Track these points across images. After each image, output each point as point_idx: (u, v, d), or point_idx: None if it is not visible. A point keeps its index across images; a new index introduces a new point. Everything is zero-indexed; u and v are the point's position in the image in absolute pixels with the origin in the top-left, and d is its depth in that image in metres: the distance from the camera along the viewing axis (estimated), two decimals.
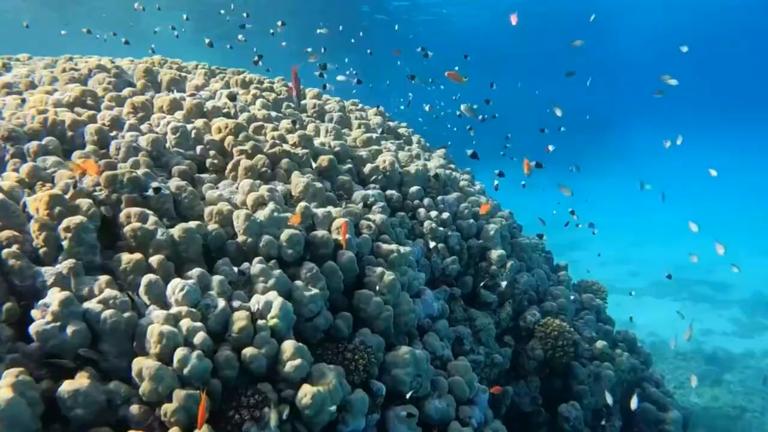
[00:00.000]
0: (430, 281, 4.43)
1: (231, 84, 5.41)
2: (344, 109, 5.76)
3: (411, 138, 6.11)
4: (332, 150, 4.33)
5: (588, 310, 5.57)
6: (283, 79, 6.12)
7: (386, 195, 4.43)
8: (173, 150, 3.60)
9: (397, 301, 3.36)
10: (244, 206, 3.28)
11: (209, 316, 2.72)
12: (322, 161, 3.96)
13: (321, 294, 3.06)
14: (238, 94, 4.62)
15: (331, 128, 4.61)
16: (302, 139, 3.98)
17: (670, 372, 13.25)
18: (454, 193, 4.83)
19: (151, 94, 4.19)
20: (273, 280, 2.94)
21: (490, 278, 4.68)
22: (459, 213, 4.77)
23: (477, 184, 5.84)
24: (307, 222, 3.34)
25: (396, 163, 4.54)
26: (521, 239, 5.23)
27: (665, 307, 19.30)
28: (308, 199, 3.49)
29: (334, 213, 3.40)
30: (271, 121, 4.22)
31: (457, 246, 4.55)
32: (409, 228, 4.41)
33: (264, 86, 5.44)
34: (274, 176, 3.63)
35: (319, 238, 3.23)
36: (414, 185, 4.63)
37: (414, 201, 4.56)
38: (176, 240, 2.87)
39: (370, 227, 3.57)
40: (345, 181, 3.92)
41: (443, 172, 4.94)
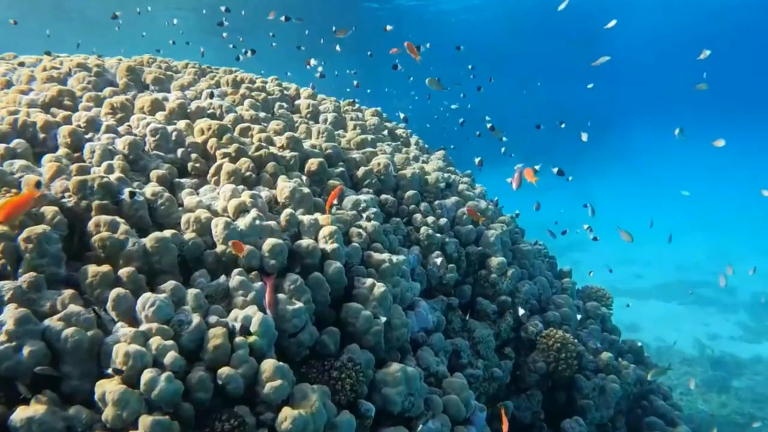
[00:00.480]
0: (427, 290, 4.22)
1: (221, 83, 5.21)
2: (339, 109, 5.55)
3: (409, 139, 5.89)
4: (323, 152, 4.12)
5: (593, 319, 5.34)
6: (276, 79, 5.92)
7: (380, 200, 4.22)
8: (152, 153, 3.40)
9: (388, 314, 3.14)
10: (225, 213, 3.08)
11: (182, 333, 2.51)
12: (311, 165, 3.75)
13: (306, 308, 2.85)
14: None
15: (323, 129, 4.41)
16: (290, 141, 3.77)
17: (677, 377, 13.00)
18: (453, 198, 4.61)
19: (134, 93, 3.99)
20: (253, 294, 2.74)
21: (490, 287, 4.46)
22: (457, 218, 4.56)
23: (477, 188, 5.62)
24: (292, 230, 3.13)
25: (391, 166, 4.33)
26: (523, 245, 5.01)
27: (671, 310, 19.04)
28: (294, 205, 3.28)
29: (321, 220, 3.19)
30: (259, 122, 4.02)
31: (455, 253, 4.33)
32: (404, 234, 4.20)
33: (256, 86, 5.23)
34: (259, 181, 3.43)
35: (304, 247, 3.02)
36: (410, 189, 4.41)
37: (410, 206, 4.34)
38: (148, 250, 2.67)
39: (361, 235, 3.36)
40: (335, 186, 3.71)
41: (441, 176, 4.72)
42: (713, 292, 19.87)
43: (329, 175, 3.91)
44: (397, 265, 3.35)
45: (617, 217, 30.40)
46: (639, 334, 16.30)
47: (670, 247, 25.47)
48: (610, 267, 23.67)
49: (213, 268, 2.86)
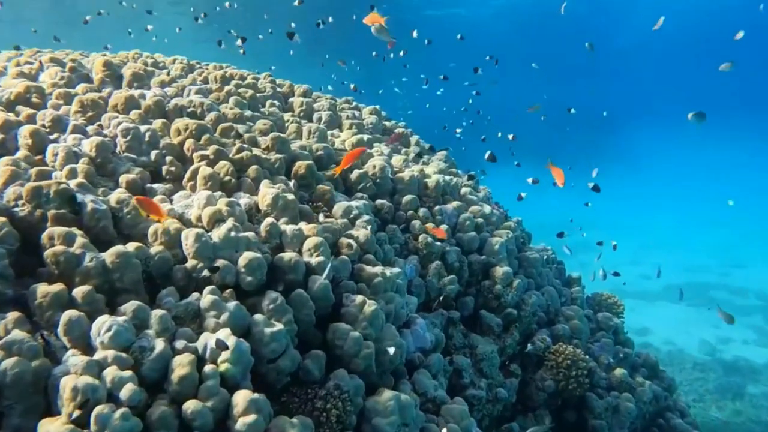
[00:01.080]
0: (426, 303, 3.91)
1: (210, 80, 4.91)
2: (335, 107, 5.24)
3: (409, 139, 5.57)
4: (314, 154, 3.82)
5: (604, 331, 5.01)
6: (270, 75, 5.62)
7: (376, 205, 3.91)
8: (123, 155, 3.10)
9: (380, 335, 2.83)
10: (199, 223, 2.78)
11: (144, 361, 2.21)
12: (299, 168, 3.45)
13: (287, 330, 2.55)
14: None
15: (314, 129, 4.09)
16: (276, 143, 3.46)
17: (688, 383, 12.62)
18: (454, 202, 4.29)
19: (109, 90, 3.69)
20: (227, 315, 2.43)
21: (495, 299, 4.14)
22: (459, 225, 4.24)
23: (481, 190, 5.30)
24: (273, 242, 2.83)
25: (388, 169, 4.02)
26: (529, 253, 4.68)
27: (681, 313, 18.63)
28: (277, 213, 2.97)
29: (306, 230, 2.88)
30: (244, 121, 3.71)
31: (457, 263, 4.01)
32: (401, 243, 3.88)
33: (246, 82, 4.93)
34: (240, 186, 3.12)
35: (286, 261, 2.72)
36: (408, 193, 4.10)
37: (408, 212, 4.03)
38: (108, 266, 2.37)
39: (351, 246, 3.05)
40: (324, 191, 3.40)
41: (442, 179, 4.40)
42: (724, 294, 19.45)
43: (319, 179, 3.60)
44: (390, 279, 3.03)
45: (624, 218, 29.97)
46: (648, 338, 15.92)
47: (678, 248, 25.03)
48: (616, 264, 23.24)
49: (183, 285, 2.56)
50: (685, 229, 26.37)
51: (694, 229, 26.43)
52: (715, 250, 24.28)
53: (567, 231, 7.83)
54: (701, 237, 25.41)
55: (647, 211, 29.35)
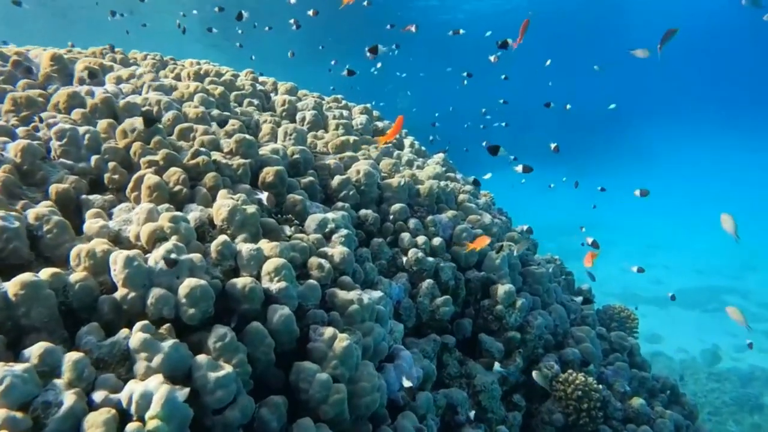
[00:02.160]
0: (417, 327, 3.44)
1: (183, 77, 4.47)
2: (321, 106, 4.78)
3: (403, 141, 5.10)
4: (288, 159, 3.36)
5: (619, 353, 4.52)
6: (252, 72, 5.17)
7: (359, 216, 3.45)
8: (59, 161, 2.65)
9: (354, 375, 2.37)
10: (138, 242, 2.33)
11: (47, 421, 1.76)
12: (267, 174, 2.98)
13: (237, 373, 2.09)
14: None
15: (291, 130, 3.63)
16: (240, 146, 3.00)
17: (703, 395, 12.07)
18: (449, 211, 3.82)
19: (55, 87, 3.25)
20: (161, 357, 1.97)
21: (496, 320, 3.67)
22: (455, 237, 3.76)
23: (482, 197, 4.82)
24: (226, 264, 2.37)
25: (374, 174, 3.55)
26: (535, 267, 4.20)
27: (693, 318, 18.04)
28: (234, 229, 2.51)
29: (266, 250, 2.42)
30: (207, 122, 3.26)
31: (452, 281, 3.54)
32: (388, 258, 3.42)
33: (222, 80, 4.49)
34: (193, 197, 2.67)
35: (239, 288, 2.25)
36: (397, 202, 3.63)
37: (396, 223, 3.56)
38: (11, 300, 1.92)
39: (323, 267, 2.58)
40: (295, 202, 2.94)
41: (436, 185, 3.93)
42: (739, 299, 18.83)
43: (292, 187, 3.14)
44: (369, 306, 2.56)
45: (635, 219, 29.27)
46: (660, 345, 15.35)
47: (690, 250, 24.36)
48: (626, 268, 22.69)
49: (110, 320, 2.10)
50: (695, 231, 25.72)
51: (705, 230, 25.78)
52: (727, 253, 23.63)
53: (570, 224, 7.26)
54: (712, 239, 24.78)
55: (657, 212, 28.71)
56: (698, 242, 24.50)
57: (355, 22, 21.89)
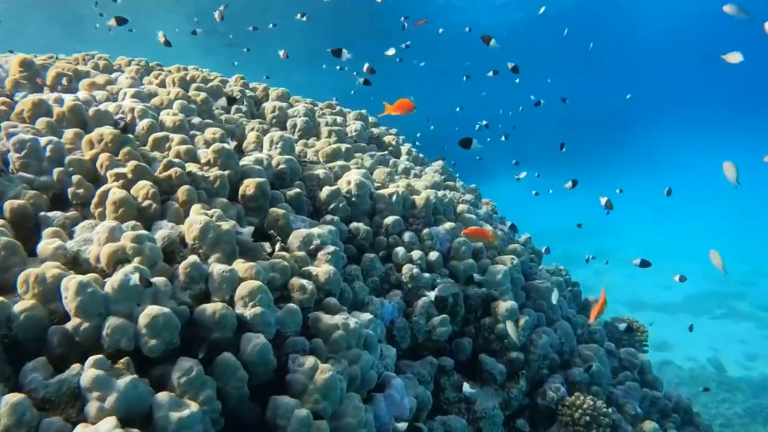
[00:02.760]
0: (412, 348, 3.21)
1: (167, 83, 4.27)
2: (313, 112, 4.57)
3: (399, 148, 4.88)
4: (273, 169, 3.14)
5: (629, 371, 4.26)
6: (242, 78, 4.97)
7: (350, 229, 3.22)
8: (17, 175, 2.44)
9: (338, 410, 2.13)
10: (99, 264, 2.10)
11: None
12: (247, 187, 2.76)
13: (204, 411, 1.86)
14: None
15: (278, 138, 3.41)
16: (219, 156, 2.78)
17: (714, 406, 11.74)
18: (447, 223, 3.59)
19: (23, 95, 3.05)
20: (115, 396, 1.75)
21: (497, 340, 3.43)
22: (453, 250, 3.53)
23: (483, 206, 4.59)
24: (196, 288, 2.14)
25: (366, 185, 3.33)
26: (539, 282, 3.95)
27: (703, 326, 17.69)
28: (207, 248, 2.29)
29: (241, 271, 2.19)
30: (185, 130, 3.04)
31: (450, 298, 3.30)
32: (381, 275, 3.19)
33: (209, 86, 4.28)
34: (164, 213, 2.45)
35: (209, 315, 2.03)
36: (391, 214, 3.40)
37: (390, 236, 3.33)
38: None
39: (305, 289, 2.35)
40: (278, 216, 2.71)
41: (433, 195, 3.70)
42: (749, 306, 18.47)
43: (275, 200, 2.92)
44: (356, 330, 2.33)
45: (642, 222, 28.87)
46: (669, 354, 15.01)
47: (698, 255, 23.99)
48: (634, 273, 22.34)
49: (60, 353, 1.88)
50: (705, 235, 25.34)
51: (714, 234, 25.39)
52: (736, 258, 23.24)
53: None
54: (721, 243, 24.39)
55: (665, 215, 28.32)
56: (706, 247, 24.09)
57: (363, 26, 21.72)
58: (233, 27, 18.76)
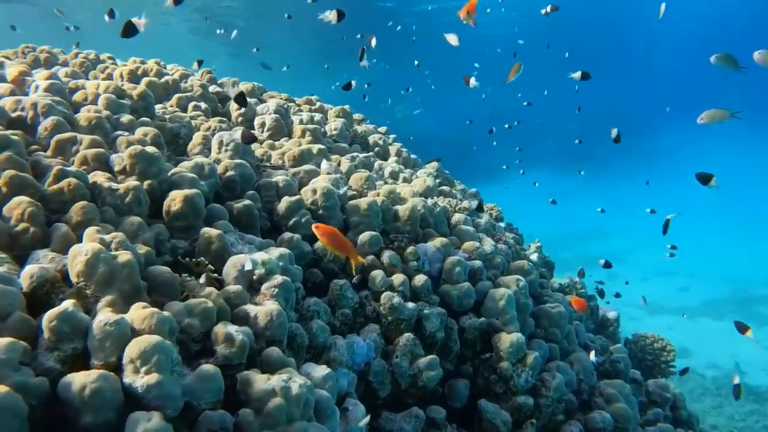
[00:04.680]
0: (394, 395, 2.58)
1: (115, 77, 3.68)
2: (287, 109, 3.96)
3: (387, 148, 4.25)
4: (222, 176, 2.52)
5: (659, 407, 3.59)
6: (209, 72, 4.37)
7: (315, 250, 2.60)
8: None
9: None
10: None
11: None
12: (172, 202, 2.15)
13: None
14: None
15: (228, 139, 2.80)
16: (136, 162, 2.17)
17: (741, 418, 10.96)
18: (438, 239, 2.95)
19: None
20: None
21: (500, 382, 2.79)
22: (445, 272, 2.89)
23: (484, 214, 3.94)
24: (66, 348, 1.53)
25: (334, 193, 2.70)
26: (551, 306, 3.29)
27: (724, 330, 16.87)
28: (97, 287, 1.67)
29: (136, 320, 1.58)
30: (104, 131, 2.43)
31: (440, 332, 2.67)
32: (353, 305, 2.56)
33: (164, 80, 3.69)
34: (48, 238, 1.84)
35: (76, 390, 1.42)
36: (367, 228, 2.77)
37: (366, 257, 2.71)
38: None
39: (232, 341, 1.73)
40: (211, 238, 2.10)
41: (421, 203, 3.07)
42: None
43: (215, 216, 2.31)
44: (299, 397, 1.70)
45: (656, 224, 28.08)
46: (689, 361, 14.21)
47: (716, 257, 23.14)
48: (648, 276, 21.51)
49: None
50: (725, 236, 24.43)
51: (735, 235, 24.46)
52: (757, 260, 22.34)
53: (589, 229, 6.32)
54: (741, 245, 23.49)
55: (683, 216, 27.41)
56: (725, 249, 23.21)
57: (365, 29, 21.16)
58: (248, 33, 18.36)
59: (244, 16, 20.37)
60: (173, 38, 22.20)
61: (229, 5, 19.49)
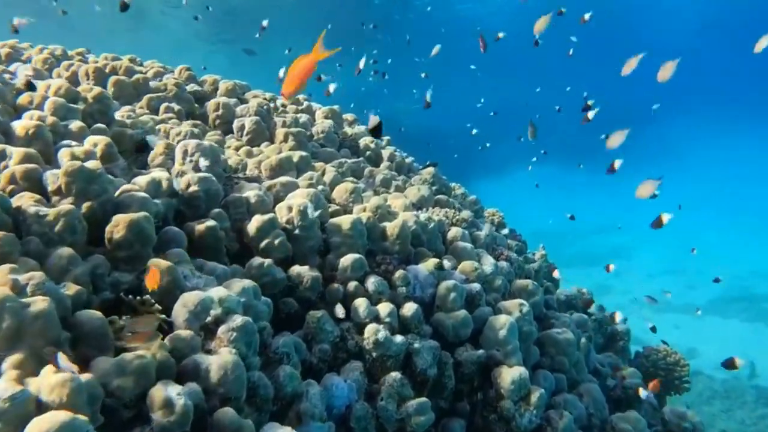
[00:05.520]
0: None
1: (80, 75, 3.35)
2: (269, 110, 3.62)
3: (380, 152, 3.91)
4: (185, 192, 2.20)
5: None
6: (187, 69, 4.04)
7: (290, 276, 2.28)
8: None
9: None
10: None
11: None
12: (114, 229, 1.83)
13: None
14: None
15: (193, 147, 2.47)
16: (73, 181, 1.85)
17: (753, 423, 10.65)
18: (431, 260, 2.62)
19: None
20: None
21: (501, 422, 2.47)
22: (439, 299, 2.57)
23: (486, 225, 3.61)
24: None
25: (309, 211, 2.38)
26: (558, 331, 2.96)
27: (733, 329, 16.54)
28: (3, 343, 1.36)
29: (44, 390, 1.27)
30: (44, 142, 2.10)
31: (433, 368, 2.35)
32: (332, 340, 2.25)
33: (134, 78, 3.36)
34: None
35: None
36: (350, 251, 2.45)
37: (348, 284, 2.38)
38: None
39: (171, 406, 1.42)
40: (159, 270, 1.78)
41: (413, 220, 2.74)
42: None
43: (171, 241, 1.99)
44: None
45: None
46: (698, 362, 13.86)
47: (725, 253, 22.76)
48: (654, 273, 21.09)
49: None
50: (734, 233, 24.01)
51: (745, 232, 24.02)
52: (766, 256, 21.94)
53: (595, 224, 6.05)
54: (750, 241, 23.05)
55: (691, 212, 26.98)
56: (733, 245, 22.79)
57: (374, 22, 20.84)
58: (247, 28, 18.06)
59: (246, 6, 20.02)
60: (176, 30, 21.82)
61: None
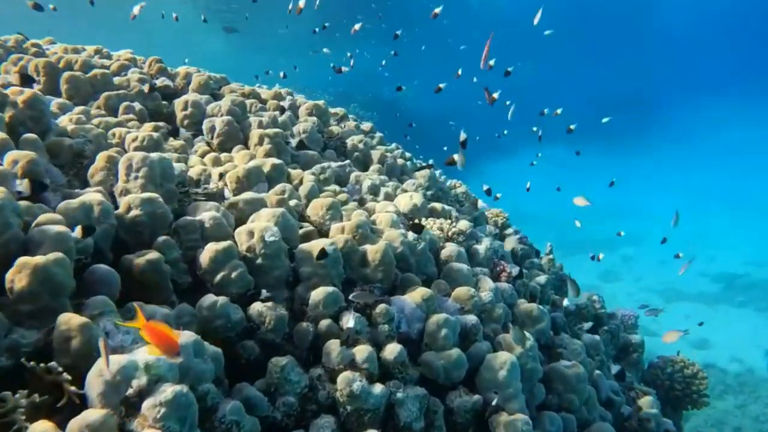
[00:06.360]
0: None
1: (30, 69, 2.99)
2: (245, 107, 3.24)
3: (369, 153, 3.52)
4: (125, 217, 1.84)
5: None
6: (158, 61, 3.66)
7: (249, 315, 1.93)
8: None
9: None
10: None
11: None
12: (17, 277, 1.46)
13: None
14: None
15: (139, 161, 2.10)
16: None
17: (766, 417, 10.33)
18: (418, 290, 2.25)
19: None
20: None
21: None
22: (428, 336, 2.20)
23: (486, 237, 3.22)
24: None
25: (275, 236, 2.01)
26: (566, 365, 2.60)
27: (746, 318, 16.13)
28: None
29: None
30: None
31: (419, 422, 2.00)
32: (300, 391, 1.90)
33: (91, 74, 2.99)
34: None
35: None
36: (322, 283, 2.09)
37: (320, 322, 2.03)
38: None
39: None
40: (71, 330, 1.42)
41: (399, 239, 2.37)
42: None
43: (98, 283, 1.64)
44: None
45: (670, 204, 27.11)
46: (710, 353, 13.48)
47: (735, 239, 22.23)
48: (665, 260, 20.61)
49: None
50: (746, 218, 23.43)
51: (755, 216, 23.44)
52: None
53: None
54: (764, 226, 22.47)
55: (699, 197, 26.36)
56: (748, 231, 22.23)
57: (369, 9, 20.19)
58: None
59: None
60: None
61: None
